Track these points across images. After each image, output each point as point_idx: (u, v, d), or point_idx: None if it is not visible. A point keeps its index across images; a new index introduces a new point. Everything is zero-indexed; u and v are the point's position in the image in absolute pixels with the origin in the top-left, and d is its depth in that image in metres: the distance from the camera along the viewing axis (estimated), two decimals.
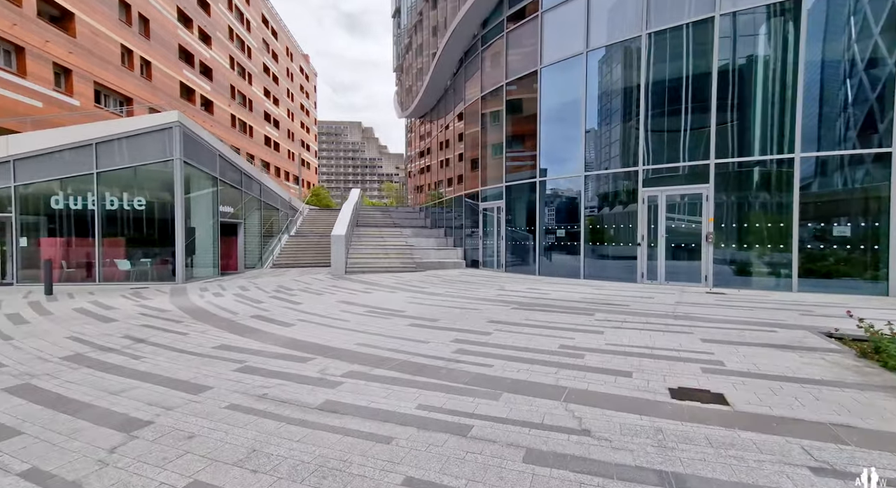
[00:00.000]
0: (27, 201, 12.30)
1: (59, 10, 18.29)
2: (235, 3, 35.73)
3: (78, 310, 7.88)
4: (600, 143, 10.98)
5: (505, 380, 3.80)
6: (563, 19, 11.44)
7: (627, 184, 10.52)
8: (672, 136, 9.78)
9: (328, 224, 25.23)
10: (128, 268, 13.02)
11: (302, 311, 7.46)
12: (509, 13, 13.09)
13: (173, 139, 12.56)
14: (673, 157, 9.75)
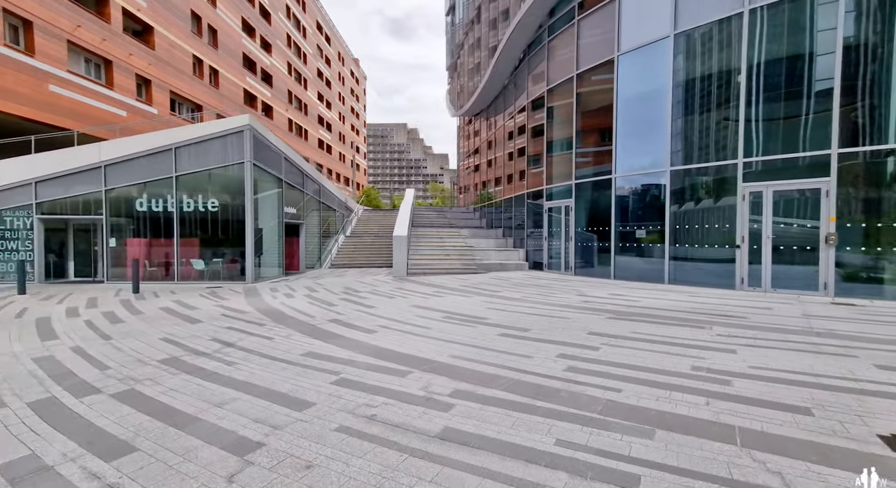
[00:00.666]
0: (115, 204, 13.09)
1: (141, 24, 19.57)
2: (293, 11, 37.02)
3: (164, 310, 8.11)
4: (688, 135, 9.95)
5: (647, 411, 3.22)
6: (645, 2, 10.51)
7: (722, 178, 9.43)
8: (781, 124, 8.62)
9: (382, 224, 25.41)
10: (202, 267, 13.55)
11: (378, 316, 7.21)
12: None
13: (244, 142, 12.91)
14: (783, 148, 8.58)
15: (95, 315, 7.62)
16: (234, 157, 12.95)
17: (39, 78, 14.73)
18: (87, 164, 12.81)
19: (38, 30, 14.61)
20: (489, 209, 22.04)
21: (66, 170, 12.82)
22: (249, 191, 12.96)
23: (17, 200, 12.82)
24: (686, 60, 9.72)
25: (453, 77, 28.33)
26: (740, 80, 9.01)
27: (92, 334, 6.10)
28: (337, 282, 12.66)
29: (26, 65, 14.25)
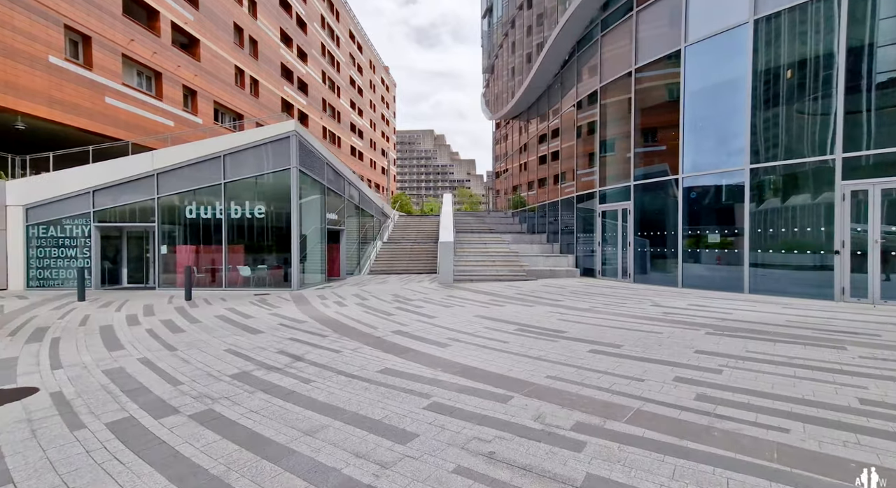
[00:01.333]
0: (166, 212, 13.26)
1: (188, 37, 20.13)
2: (327, 20, 37.66)
3: (220, 318, 7.93)
4: (770, 129, 9.07)
5: (845, 462, 2.59)
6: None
7: (815, 176, 8.50)
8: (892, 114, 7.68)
9: (419, 230, 25.15)
10: (248, 274, 13.52)
11: (443, 327, 6.75)
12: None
13: (291, 148, 12.84)
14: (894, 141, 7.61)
15: (155, 323, 7.51)
16: (281, 163, 12.90)
17: (97, 90, 15.22)
18: (140, 173, 13.05)
19: (95, 44, 15.14)
20: (530, 213, 21.34)
21: (120, 179, 13.10)
22: (295, 197, 12.87)
23: (76, 209, 13.18)
24: (768, 47, 8.87)
25: (489, 82, 27.91)
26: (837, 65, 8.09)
27: (156, 344, 5.91)
28: (383, 290, 12.34)
29: (85, 78, 14.75)
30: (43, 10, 13.22)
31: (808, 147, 8.65)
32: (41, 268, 13.28)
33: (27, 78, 12.82)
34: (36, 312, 8.80)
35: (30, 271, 13.20)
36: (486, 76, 27.34)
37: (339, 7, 40.66)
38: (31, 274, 13.21)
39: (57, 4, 13.63)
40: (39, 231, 13.23)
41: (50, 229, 13.24)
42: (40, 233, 13.24)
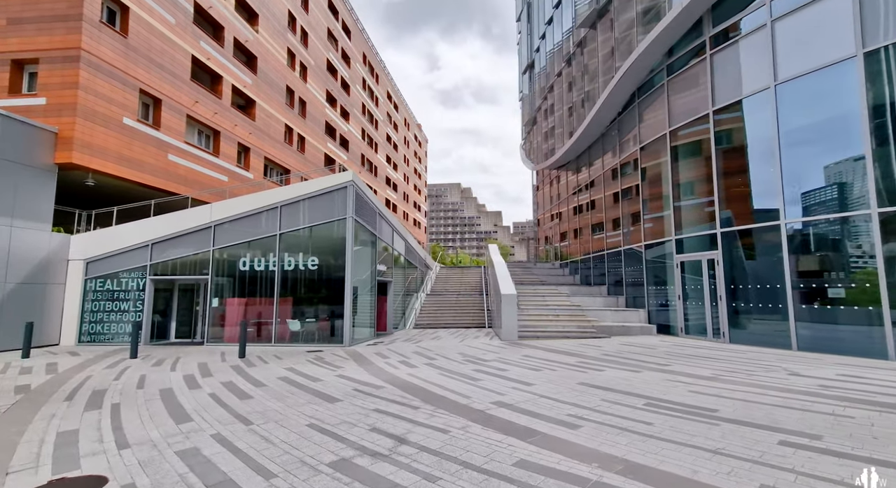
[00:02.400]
0: (219, 264, 13.03)
1: (245, 99, 21.32)
2: (368, 82, 40.01)
3: (284, 380, 7.11)
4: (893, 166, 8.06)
5: None
6: (810, 24, 9.29)
7: None
8: None
9: (461, 282, 24.33)
10: (297, 328, 12.85)
11: (551, 398, 5.70)
12: (713, 33, 11.36)
13: (347, 198, 12.64)
14: None
15: (216, 386, 6.76)
16: (337, 213, 12.65)
17: (161, 148, 15.85)
18: (198, 225, 13.03)
19: (165, 106, 16.00)
20: (584, 264, 20.23)
21: (179, 232, 13.09)
22: (350, 248, 12.44)
23: (133, 262, 13.13)
24: (888, 79, 8.09)
25: (530, 133, 28.23)
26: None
27: (226, 415, 5.10)
28: (444, 346, 11.34)
29: (152, 137, 15.42)
30: (123, 76, 14.14)
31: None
32: (94, 322, 13.03)
33: (102, 137, 13.42)
34: (90, 371, 8.24)
35: (82, 326, 12.96)
36: (528, 129, 27.70)
37: (379, 70, 43.41)
38: (83, 328, 12.96)
39: (136, 71, 14.60)
40: (96, 284, 13.16)
41: (107, 283, 13.15)
42: (97, 286, 13.15)
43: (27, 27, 12.87)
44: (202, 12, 18.13)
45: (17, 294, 11.73)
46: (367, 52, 40.28)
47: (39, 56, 12.82)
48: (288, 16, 25.21)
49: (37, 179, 12.31)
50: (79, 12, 12.82)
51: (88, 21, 12.99)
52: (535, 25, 25.05)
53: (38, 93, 12.86)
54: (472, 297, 21.11)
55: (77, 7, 12.82)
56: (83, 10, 12.85)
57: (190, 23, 17.27)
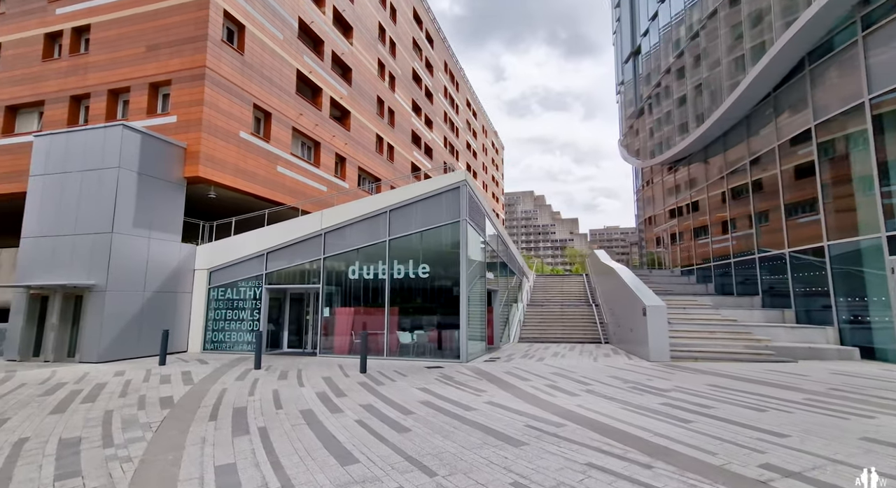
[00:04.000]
0: (328, 272, 12.69)
1: (341, 110, 21.67)
2: (449, 91, 39.83)
3: (430, 406, 6.04)
4: None
5: None
6: None
7: None
8: None
9: (562, 291, 22.38)
10: (408, 340, 12.00)
11: (849, 465, 3.91)
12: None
13: (461, 199, 11.63)
14: None
15: (357, 410, 5.86)
16: (448, 216, 11.68)
17: (271, 160, 16.26)
18: (309, 233, 12.85)
19: (274, 119, 16.47)
20: (718, 270, 17.27)
21: (291, 240, 13.01)
22: (465, 254, 11.37)
23: (250, 271, 13.29)
24: None
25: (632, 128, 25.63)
26: None
27: (394, 456, 4.05)
28: (579, 366, 9.71)
29: (263, 149, 15.86)
30: (240, 92, 14.69)
31: None
32: (216, 330, 13.35)
33: (223, 151, 13.93)
34: (223, 383, 7.92)
35: (206, 333, 13.32)
36: (630, 123, 25.13)
37: (459, 79, 43.19)
38: (207, 336, 13.32)
39: (250, 87, 15.14)
40: (218, 293, 13.51)
41: (227, 291, 13.45)
42: (218, 295, 13.50)
43: (162, 52, 13.81)
44: (305, 28, 18.67)
45: (154, 302, 12.29)
46: (448, 60, 40.21)
47: (172, 77, 13.66)
48: (378, 28, 25.57)
49: (170, 193, 12.96)
50: (204, 33, 13.48)
51: (212, 40, 13.61)
52: (641, 7, 22.66)
53: (170, 111, 13.68)
54: (579, 308, 19.11)
55: (203, 28, 13.49)
56: (208, 31, 13.49)
57: (295, 38, 17.80)
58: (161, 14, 14.01)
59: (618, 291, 14.22)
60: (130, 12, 14.34)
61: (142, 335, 11.88)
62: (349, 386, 7.64)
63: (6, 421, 5.55)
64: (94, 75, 14.43)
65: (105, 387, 7.62)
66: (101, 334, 10.95)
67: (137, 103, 13.97)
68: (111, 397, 6.83)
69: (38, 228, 11.88)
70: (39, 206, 11.97)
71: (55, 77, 14.88)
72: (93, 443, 4.63)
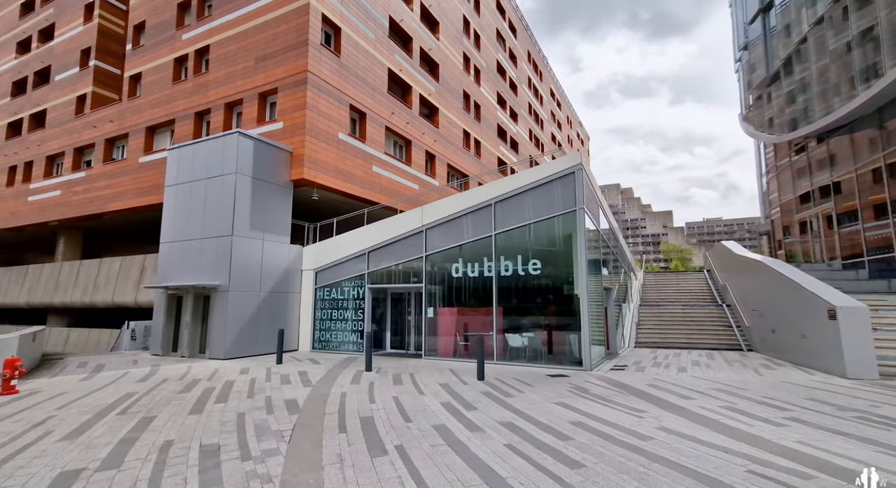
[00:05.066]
0: (432, 270, 12.12)
1: (430, 107, 21.35)
2: (533, 81, 38.08)
3: (582, 427, 4.91)
4: None
5: None
6: None
7: None
8: None
9: (679, 289, 19.68)
10: (519, 344, 10.93)
11: None
12: None
13: (576, 185, 10.29)
14: None
15: (501, 430, 4.94)
16: (563, 205, 10.40)
17: (367, 160, 16.29)
18: (410, 230, 12.41)
19: (368, 120, 16.50)
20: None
21: (392, 238, 12.69)
22: (582, 247, 10.00)
23: (353, 271, 13.24)
24: None
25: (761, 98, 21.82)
26: None
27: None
28: (748, 381, 7.84)
29: (360, 150, 15.93)
30: (338, 94, 14.88)
31: None
32: (323, 329, 13.52)
33: (324, 153, 14.17)
34: (340, 385, 7.57)
35: (314, 333, 13.56)
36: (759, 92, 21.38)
37: (542, 68, 41.17)
38: (315, 335, 13.55)
39: (346, 88, 15.30)
40: (324, 293, 13.68)
41: (332, 291, 13.56)
42: (324, 295, 13.67)
43: (268, 62, 14.44)
44: (395, 26, 18.60)
45: (268, 302, 12.74)
46: (531, 50, 38.48)
47: (277, 85, 14.21)
48: (463, 21, 24.96)
49: (279, 196, 13.41)
50: (305, 38, 13.80)
51: (312, 45, 13.89)
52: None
53: (276, 119, 14.23)
54: (704, 309, 16.48)
55: (304, 34, 13.82)
56: (308, 36, 13.79)
57: (386, 37, 17.77)
58: (268, 26, 14.66)
59: (769, 289, 11.74)
60: (243, 28, 15.23)
61: (259, 334, 12.35)
62: (474, 396, 6.79)
63: (153, 419, 5.57)
64: (213, 91, 15.59)
65: (233, 386, 7.67)
66: (226, 332, 11.51)
67: (249, 113, 14.76)
68: (240, 398, 6.75)
69: (172, 234, 12.95)
70: (173, 213, 13.05)
71: (183, 97, 16.39)
72: (231, 453, 4.28)
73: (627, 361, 11.01)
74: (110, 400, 6.64)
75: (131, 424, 5.34)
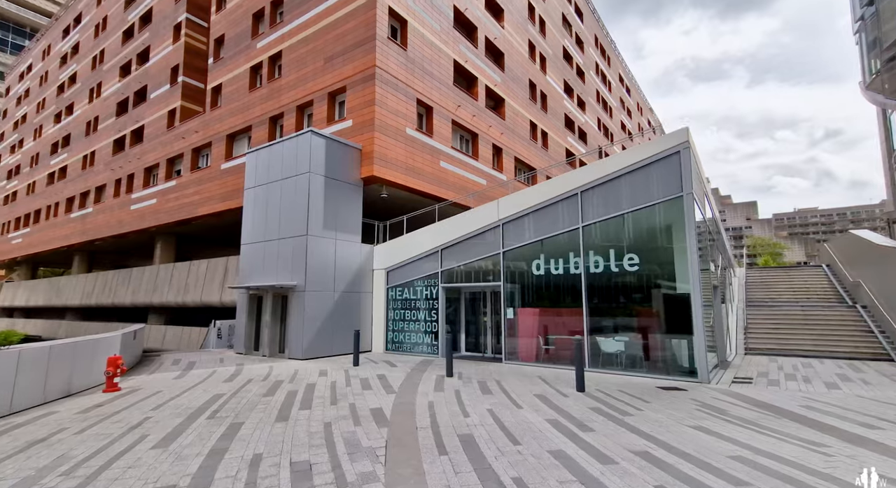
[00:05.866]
0: (510, 268, 11.21)
1: (495, 98, 20.42)
2: (601, 67, 35.71)
3: (752, 467, 3.76)
4: None
5: None
6: None
7: None
8: None
9: (792, 287, 16.98)
10: (613, 349, 9.66)
11: None
12: None
13: (682, 167, 8.88)
14: None
15: (637, 463, 3.95)
16: (665, 191, 9.03)
17: (434, 155, 15.75)
18: (486, 225, 11.59)
19: (435, 114, 15.96)
20: None
21: (466, 234, 11.96)
22: (692, 239, 8.57)
23: (426, 270, 12.70)
24: None
25: (892, 60, 18.32)
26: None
27: None
28: None
29: (427, 145, 15.43)
30: (405, 88, 14.50)
31: None
32: (395, 330, 13.14)
33: (393, 150, 13.83)
34: (424, 393, 6.93)
35: (387, 334, 13.22)
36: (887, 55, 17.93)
37: (610, 52, 38.50)
38: (388, 336, 13.20)
39: (413, 82, 14.87)
40: (396, 293, 13.30)
41: (404, 291, 13.13)
42: (396, 295, 13.28)
43: (337, 61, 14.40)
44: (459, 16, 17.94)
45: (342, 302, 12.58)
46: (598, 33, 36.08)
47: (346, 83, 14.10)
48: (528, 7, 23.74)
49: (350, 194, 13.24)
50: (373, 33, 13.54)
51: (380, 39, 13.60)
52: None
53: (345, 117, 14.12)
54: (831, 310, 13.94)
55: (371, 28, 13.57)
56: (376, 31, 13.51)
57: (451, 27, 17.15)
58: (336, 25, 14.62)
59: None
60: (312, 30, 15.37)
61: (334, 334, 12.21)
62: (583, 413, 5.81)
63: (241, 426, 5.26)
64: (286, 95, 15.90)
65: (315, 390, 7.33)
66: (303, 332, 11.46)
67: (319, 114, 14.82)
68: (324, 405, 6.33)
69: (251, 235, 13.25)
70: (252, 215, 13.36)
71: (258, 103, 16.95)
72: (324, 475, 3.73)
73: (748, 372, 9.34)
74: (200, 402, 6.53)
75: (220, 431, 5.05)
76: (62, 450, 4.49)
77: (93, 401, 6.80)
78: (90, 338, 8.53)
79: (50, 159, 32.01)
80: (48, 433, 5.14)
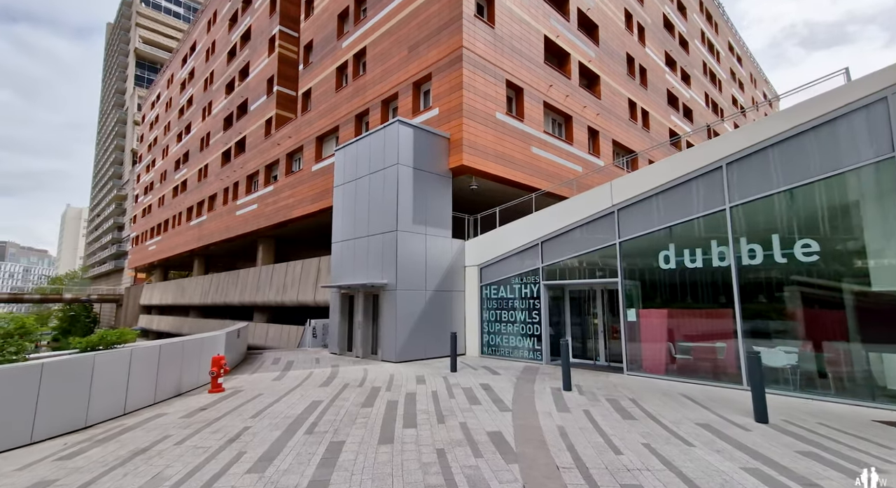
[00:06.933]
0: (628, 262, 9.43)
1: (590, 76, 18.39)
2: (707, 35, 31.28)
3: None
4: None
5: None
6: None
7: None
8: None
9: None
10: (781, 363, 7.45)
11: None
12: None
13: (892, 117, 6.49)
14: None
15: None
16: (866, 151, 6.72)
17: (525, 141, 14.37)
18: (596, 213, 9.93)
19: (525, 95, 14.58)
20: None
21: (571, 224, 10.40)
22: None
23: (524, 266, 11.37)
24: None
25: None
26: None
27: None
28: None
29: (518, 130, 14.10)
30: (493, 69, 13.35)
31: None
32: (491, 333, 11.98)
33: (482, 136, 12.75)
34: (547, 413, 5.63)
35: (482, 336, 12.12)
36: None
37: (717, 17, 33.60)
38: (483, 339, 12.10)
39: (502, 62, 13.66)
40: (490, 291, 12.15)
41: (500, 289, 11.92)
42: (491, 293, 12.13)
43: (421, 48, 13.70)
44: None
45: (434, 301, 11.75)
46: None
47: (431, 70, 13.33)
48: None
49: (439, 187, 12.40)
50: (459, 12, 12.58)
51: (466, 18, 12.61)
52: None
53: (431, 106, 13.34)
54: None
55: (457, 7, 12.63)
56: (462, 10, 12.53)
57: (540, 0, 15.60)
58: (419, 11, 13.94)
59: None
60: (395, 20, 14.90)
61: (427, 336, 11.41)
62: (793, 461, 4.09)
63: (342, 447, 4.46)
64: (371, 91, 15.63)
65: (416, 402, 6.43)
66: (396, 333, 10.81)
67: (404, 105, 14.24)
68: (430, 422, 5.36)
69: (341, 233, 13.02)
70: (342, 213, 13.13)
71: (345, 102, 16.97)
72: None
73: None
74: (298, 410, 5.96)
75: (320, 453, 4.28)
76: (159, 467, 4.02)
77: (198, 403, 6.61)
78: (197, 338, 8.61)
79: (174, 174, 36.35)
80: (152, 441, 4.81)
